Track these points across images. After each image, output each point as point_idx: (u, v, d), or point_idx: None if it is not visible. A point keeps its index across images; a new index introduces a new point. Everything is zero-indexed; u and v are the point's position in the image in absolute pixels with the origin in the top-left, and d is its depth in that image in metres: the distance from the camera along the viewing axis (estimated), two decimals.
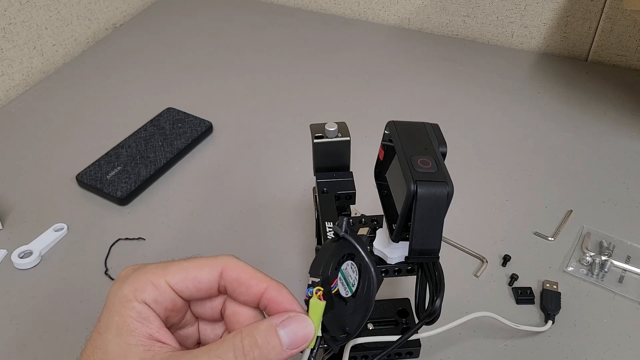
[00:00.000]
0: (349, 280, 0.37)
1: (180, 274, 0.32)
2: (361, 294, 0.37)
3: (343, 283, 0.36)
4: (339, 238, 0.37)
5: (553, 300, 0.55)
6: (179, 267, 0.33)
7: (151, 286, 0.32)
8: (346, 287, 0.37)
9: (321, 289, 0.33)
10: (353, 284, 0.37)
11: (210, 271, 0.33)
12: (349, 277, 0.37)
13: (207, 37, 0.98)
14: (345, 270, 0.37)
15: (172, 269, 0.33)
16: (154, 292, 0.32)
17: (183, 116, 0.77)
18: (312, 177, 0.55)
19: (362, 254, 0.37)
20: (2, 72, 0.85)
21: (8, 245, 0.62)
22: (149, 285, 0.32)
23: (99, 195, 0.67)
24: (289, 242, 0.62)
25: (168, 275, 0.32)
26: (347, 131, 0.52)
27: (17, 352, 0.52)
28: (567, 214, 0.65)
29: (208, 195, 0.68)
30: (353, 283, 0.37)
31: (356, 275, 0.37)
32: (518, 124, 0.79)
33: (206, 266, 0.33)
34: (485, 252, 0.61)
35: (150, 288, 0.32)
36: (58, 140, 0.77)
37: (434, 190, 0.38)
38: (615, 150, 0.74)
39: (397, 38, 0.98)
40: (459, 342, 0.52)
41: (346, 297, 0.36)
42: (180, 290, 0.33)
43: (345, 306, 0.36)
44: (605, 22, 0.88)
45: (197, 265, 0.33)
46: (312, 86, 0.86)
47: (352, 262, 0.37)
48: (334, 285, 0.36)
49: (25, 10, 0.86)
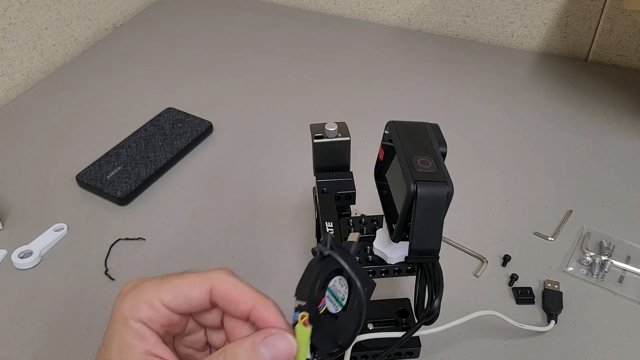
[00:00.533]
0: (337, 295, 0.37)
1: (173, 293, 0.34)
2: (352, 306, 0.37)
3: (332, 300, 0.36)
4: (324, 256, 0.37)
5: (555, 300, 0.55)
6: (171, 285, 0.34)
7: (146, 306, 0.34)
8: (335, 303, 0.37)
9: (306, 314, 0.34)
10: (343, 298, 0.37)
11: (201, 288, 0.34)
12: (338, 293, 0.37)
13: (207, 37, 0.98)
14: (333, 287, 0.37)
15: (166, 287, 0.34)
16: (149, 312, 0.34)
17: (183, 116, 0.77)
18: (312, 177, 0.55)
19: (349, 272, 0.37)
20: (2, 72, 0.85)
21: (8, 245, 0.62)
22: (144, 305, 0.34)
23: (99, 195, 0.67)
24: (289, 242, 0.62)
25: (162, 295, 0.34)
26: (347, 131, 0.52)
27: (17, 352, 0.52)
28: (567, 214, 0.65)
29: (208, 195, 0.68)
30: (343, 297, 0.37)
31: (346, 289, 0.37)
32: (518, 124, 0.79)
33: (197, 284, 0.34)
34: (485, 252, 0.61)
35: (145, 308, 0.34)
36: (58, 140, 0.77)
37: (434, 190, 0.38)
38: (615, 150, 0.74)
39: (397, 38, 0.98)
40: (458, 342, 0.52)
41: (336, 312, 0.36)
42: (174, 307, 0.34)
43: (336, 321, 0.36)
44: (605, 22, 0.88)
45: (189, 283, 0.34)
46: (312, 86, 0.86)
47: (341, 276, 0.37)
48: (322, 304, 0.36)
49: (25, 10, 0.86)
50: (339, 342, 0.36)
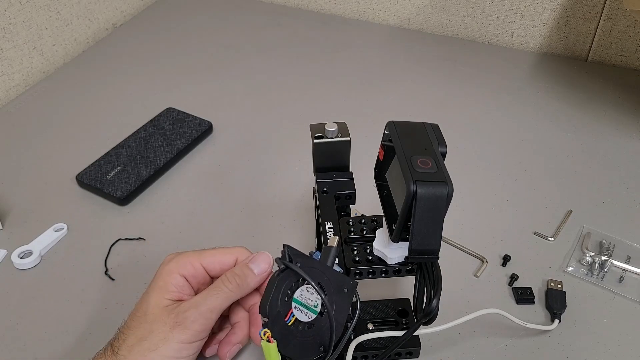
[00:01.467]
0: (308, 304, 0.37)
1: (211, 258, 0.48)
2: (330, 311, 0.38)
3: (301, 309, 0.37)
4: (282, 269, 0.37)
5: (558, 299, 0.55)
6: (209, 253, 0.48)
7: (190, 265, 0.47)
8: (307, 312, 0.37)
9: (268, 331, 0.37)
10: (316, 305, 0.37)
11: (230, 257, 0.48)
12: (308, 301, 0.37)
13: (207, 37, 0.98)
14: (299, 297, 0.37)
15: (205, 254, 0.48)
16: (191, 270, 0.47)
17: (183, 116, 0.77)
18: (312, 177, 0.55)
19: (307, 279, 0.37)
20: (2, 72, 0.85)
21: (8, 245, 0.62)
22: (188, 264, 0.47)
23: (99, 195, 0.67)
24: (289, 242, 0.62)
25: (202, 259, 0.47)
26: (347, 131, 0.52)
27: (17, 352, 0.52)
28: (567, 214, 0.65)
29: (208, 195, 0.68)
30: (315, 304, 0.37)
31: (316, 295, 0.37)
32: (518, 124, 0.79)
33: (227, 253, 0.48)
34: (485, 252, 0.61)
35: (189, 267, 0.47)
36: (58, 140, 0.77)
37: (433, 191, 0.38)
38: (615, 150, 0.74)
39: (397, 38, 0.98)
40: (459, 342, 0.52)
41: (310, 320, 0.36)
42: (209, 269, 0.48)
43: (313, 328, 0.36)
44: (605, 22, 0.88)
45: (222, 252, 0.48)
46: (312, 86, 0.86)
47: (308, 285, 0.37)
48: (290, 316, 0.36)
49: (25, 10, 0.86)
50: (321, 348, 0.37)
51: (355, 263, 0.45)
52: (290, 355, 0.36)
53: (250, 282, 0.46)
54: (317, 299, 0.37)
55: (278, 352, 0.36)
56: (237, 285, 0.46)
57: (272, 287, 0.37)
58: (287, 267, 0.38)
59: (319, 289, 0.37)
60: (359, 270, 0.45)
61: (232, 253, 0.48)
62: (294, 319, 0.36)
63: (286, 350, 0.36)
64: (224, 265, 0.48)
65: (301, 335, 0.36)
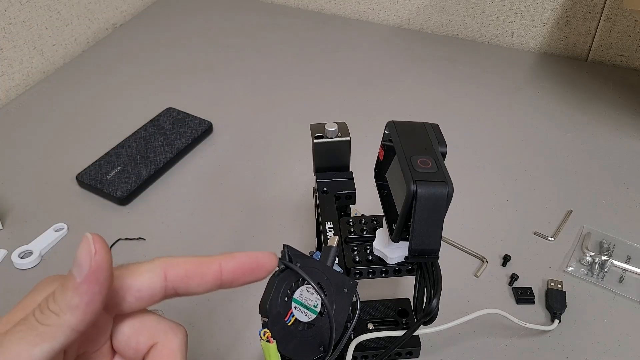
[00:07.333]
0: (308, 304, 0.37)
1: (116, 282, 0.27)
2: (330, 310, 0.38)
3: (301, 309, 0.37)
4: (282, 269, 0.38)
5: (558, 299, 0.55)
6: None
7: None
8: (307, 312, 0.37)
9: (267, 331, 0.36)
10: (316, 305, 0.38)
11: (152, 275, 0.28)
12: (308, 301, 0.37)
13: (207, 37, 0.98)
14: (299, 297, 0.37)
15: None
16: None
17: (183, 116, 0.77)
18: (312, 177, 0.55)
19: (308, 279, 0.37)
20: (2, 72, 0.85)
21: (8, 245, 0.62)
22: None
23: (99, 195, 0.67)
24: (289, 242, 0.62)
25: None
26: (347, 131, 0.52)
27: None
28: (567, 214, 0.65)
29: (208, 195, 0.68)
30: (315, 304, 0.38)
31: (316, 295, 0.38)
32: (518, 124, 0.79)
33: (145, 272, 0.28)
34: (485, 252, 0.61)
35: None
36: (58, 140, 0.77)
37: (433, 191, 0.38)
38: (615, 150, 0.74)
39: (397, 38, 0.98)
40: (459, 342, 0.52)
41: (310, 320, 0.37)
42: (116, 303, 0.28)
43: (313, 328, 0.37)
44: (605, 22, 0.88)
45: (132, 272, 0.28)
46: (312, 86, 0.86)
47: (307, 285, 0.38)
48: (289, 316, 0.36)
49: (25, 10, 0.86)
50: (320, 348, 0.37)
51: (355, 263, 0.45)
52: (290, 355, 0.36)
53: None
54: (317, 299, 0.38)
55: (278, 352, 0.36)
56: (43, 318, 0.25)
57: (272, 287, 0.37)
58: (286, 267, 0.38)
59: (318, 289, 0.38)
60: (359, 270, 0.45)
61: (153, 268, 0.28)
62: (293, 319, 0.37)
63: (286, 350, 0.36)
64: (141, 292, 0.28)
65: (301, 335, 0.36)
